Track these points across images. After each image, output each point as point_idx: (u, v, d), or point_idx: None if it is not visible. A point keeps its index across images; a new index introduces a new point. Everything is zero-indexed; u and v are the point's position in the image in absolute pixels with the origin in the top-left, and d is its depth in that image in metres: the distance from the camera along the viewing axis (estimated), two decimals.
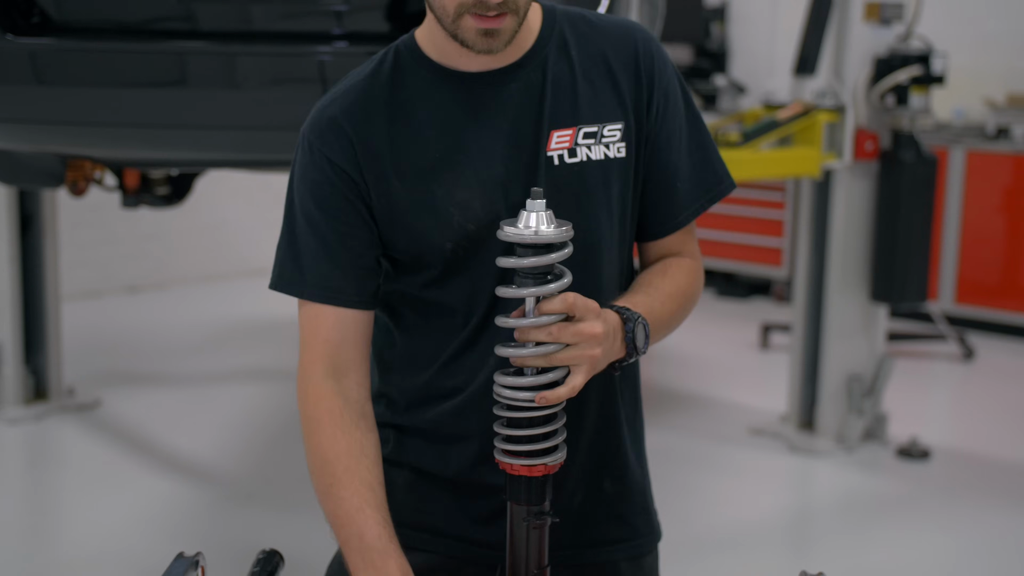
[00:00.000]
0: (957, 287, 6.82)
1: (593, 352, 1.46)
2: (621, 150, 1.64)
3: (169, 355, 6.05)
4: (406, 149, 1.60)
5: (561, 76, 1.63)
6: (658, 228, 1.71)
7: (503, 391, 1.47)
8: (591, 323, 1.46)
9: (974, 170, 6.77)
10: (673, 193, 1.69)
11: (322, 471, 1.62)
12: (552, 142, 1.61)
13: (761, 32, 8.17)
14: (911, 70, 4.54)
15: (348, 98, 1.63)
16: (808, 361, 4.88)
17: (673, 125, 1.68)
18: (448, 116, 1.61)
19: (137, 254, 7.42)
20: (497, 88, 1.62)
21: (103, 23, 3.04)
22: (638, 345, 1.54)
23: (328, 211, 1.61)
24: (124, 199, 3.96)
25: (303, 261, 1.63)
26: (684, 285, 1.69)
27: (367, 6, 2.92)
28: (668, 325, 1.66)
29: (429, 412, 1.70)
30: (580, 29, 1.67)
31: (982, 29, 7.32)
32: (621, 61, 1.65)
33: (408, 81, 1.63)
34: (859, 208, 4.73)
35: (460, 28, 1.53)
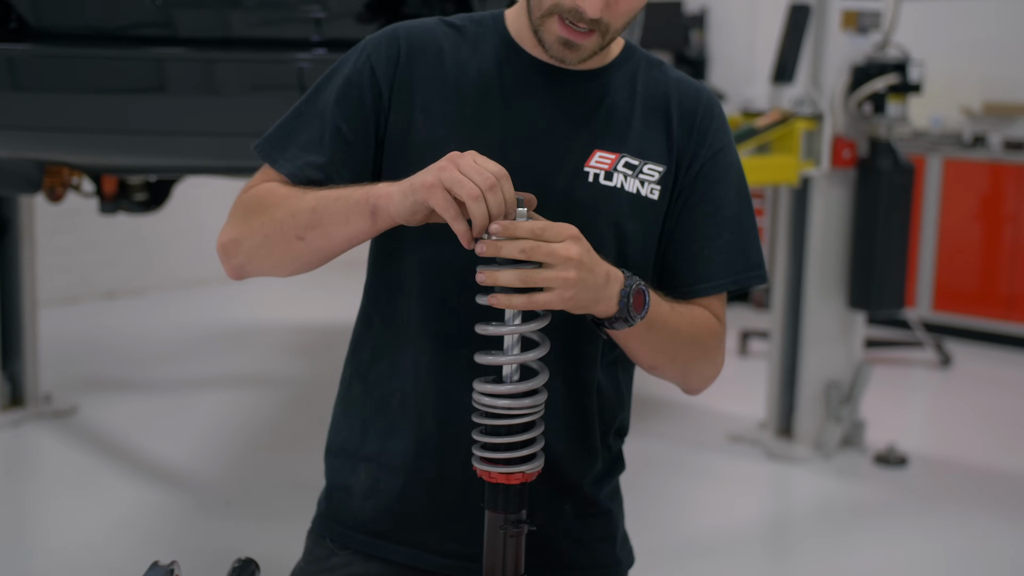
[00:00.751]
0: (934, 294, 6.86)
1: (567, 274, 1.40)
2: (655, 192, 1.63)
3: (147, 361, 6.02)
4: (443, 94, 1.61)
5: (620, 103, 1.64)
6: (677, 291, 1.66)
7: (481, 398, 1.46)
8: (565, 244, 1.41)
9: (951, 178, 6.81)
10: (699, 259, 1.66)
11: (259, 202, 1.59)
12: (593, 159, 1.61)
13: (740, 40, 8.20)
14: (888, 78, 4.56)
15: (420, 28, 1.66)
16: (786, 368, 4.90)
17: (716, 191, 1.65)
18: (499, 86, 1.62)
19: (115, 260, 7.39)
20: (558, 85, 1.63)
21: (81, 29, 3.04)
22: (631, 304, 1.48)
23: (342, 108, 1.61)
24: (102, 205, 3.95)
25: (294, 139, 1.62)
26: (703, 326, 1.64)
27: (345, 13, 2.92)
28: (671, 339, 1.59)
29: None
30: (653, 72, 1.68)
31: (958, 37, 7.37)
32: (681, 112, 1.66)
33: (479, 43, 1.65)
34: (837, 216, 4.75)
35: (545, 27, 1.54)
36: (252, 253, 1.59)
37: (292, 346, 6.43)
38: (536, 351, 1.47)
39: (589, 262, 1.43)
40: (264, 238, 1.56)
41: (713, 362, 1.69)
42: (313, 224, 1.51)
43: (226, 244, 1.61)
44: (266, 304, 7.54)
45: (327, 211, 1.50)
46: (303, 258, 1.57)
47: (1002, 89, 7.26)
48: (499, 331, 1.44)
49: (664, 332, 1.57)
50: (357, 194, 1.49)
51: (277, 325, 6.90)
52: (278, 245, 1.56)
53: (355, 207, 1.48)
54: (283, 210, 1.54)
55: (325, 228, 1.51)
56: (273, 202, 1.56)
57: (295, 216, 1.53)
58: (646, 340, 1.56)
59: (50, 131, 3.11)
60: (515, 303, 1.40)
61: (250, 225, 1.58)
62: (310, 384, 5.61)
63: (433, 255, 1.59)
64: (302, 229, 1.52)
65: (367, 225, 1.49)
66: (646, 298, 1.51)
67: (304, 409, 5.10)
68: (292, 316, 7.10)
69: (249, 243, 1.58)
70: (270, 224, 1.55)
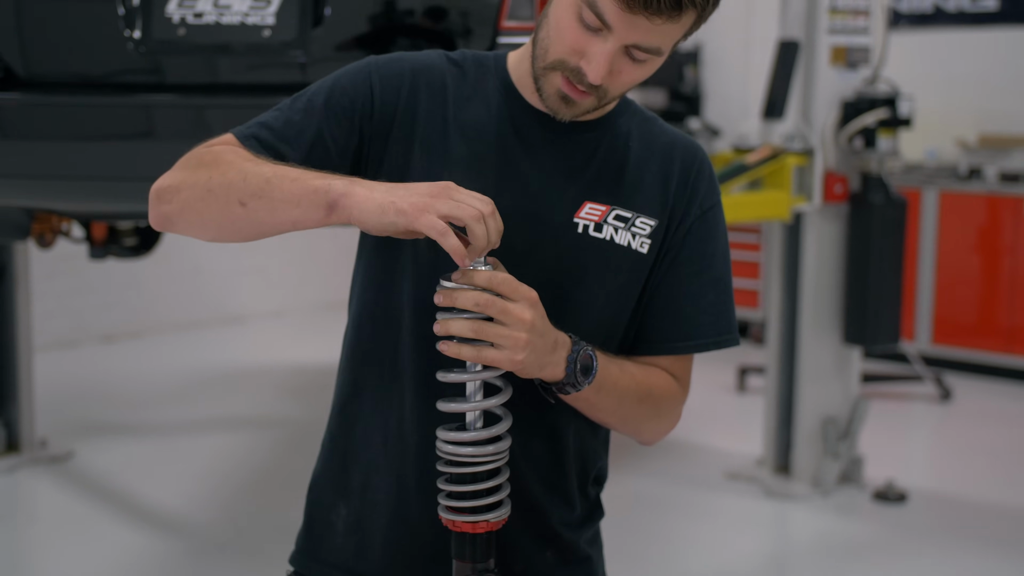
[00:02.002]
0: (933, 327, 6.84)
1: (518, 335, 1.41)
2: (644, 246, 1.63)
3: (143, 404, 6.01)
4: (442, 131, 1.61)
5: (614, 156, 1.64)
6: (655, 345, 1.67)
7: (444, 446, 1.46)
8: (520, 306, 1.42)
9: (947, 210, 6.81)
10: (682, 316, 1.66)
11: (215, 157, 1.52)
12: (583, 210, 1.61)
13: (734, 75, 8.23)
14: (878, 113, 4.57)
15: (426, 60, 1.65)
16: (783, 404, 4.88)
17: (703, 250, 1.67)
18: (495, 131, 1.62)
19: (112, 303, 7.40)
20: (553, 135, 1.63)
21: (68, 77, 3.05)
22: (579, 370, 1.50)
23: (330, 113, 1.58)
24: (91, 251, 3.95)
25: (272, 126, 1.57)
26: (656, 387, 1.65)
27: (330, 58, 2.94)
28: (621, 401, 1.60)
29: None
30: (648, 127, 1.69)
31: (951, 71, 7.39)
32: (677, 167, 1.66)
33: (480, 83, 1.65)
34: (830, 250, 4.74)
35: (546, 79, 1.54)
36: (187, 205, 1.51)
37: (288, 387, 6.42)
38: (498, 397, 1.47)
39: (541, 327, 1.45)
40: (206, 192, 1.49)
41: (667, 419, 1.70)
42: (261, 194, 1.46)
43: (162, 189, 1.53)
44: (262, 345, 7.54)
45: (280, 186, 1.45)
46: (236, 226, 1.51)
47: (997, 121, 7.27)
48: (459, 378, 1.45)
49: (613, 394, 1.58)
50: (317, 181, 1.44)
51: (273, 366, 6.90)
52: (217, 203, 1.49)
53: (311, 194, 1.43)
54: (236, 171, 1.48)
55: (272, 203, 1.46)
56: (230, 160, 1.50)
57: (246, 180, 1.47)
58: (595, 403, 1.58)
59: (39, 179, 3.12)
60: (463, 353, 1.41)
61: (196, 175, 1.51)
62: (306, 425, 5.59)
63: (424, 294, 1.59)
64: (248, 196, 1.46)
65: (318, 216, 1.44)
66: (593, 363, 1.53)
67: (299, 451, 5.08)
68: (288, 357, 7.09)
69: (188, 194, 1.51)
70: (218, 180, 1.48)
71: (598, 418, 1.63)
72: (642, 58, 1.51)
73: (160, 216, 1.56)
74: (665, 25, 1.46)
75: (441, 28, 2.94)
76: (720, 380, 6.56)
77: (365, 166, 1.62)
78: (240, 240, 1.55)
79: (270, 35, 2.93)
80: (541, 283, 1.52)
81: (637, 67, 1.52)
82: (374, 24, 2.94)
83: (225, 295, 7.99)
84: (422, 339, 1.59)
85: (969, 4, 7.35)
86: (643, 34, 1.47)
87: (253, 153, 1.53)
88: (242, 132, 1.57)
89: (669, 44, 1.51)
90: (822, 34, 4.64)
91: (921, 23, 7.52)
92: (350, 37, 2.93)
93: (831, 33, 4.65)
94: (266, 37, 2.93)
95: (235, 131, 1.58)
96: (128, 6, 2.95)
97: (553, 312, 1.52)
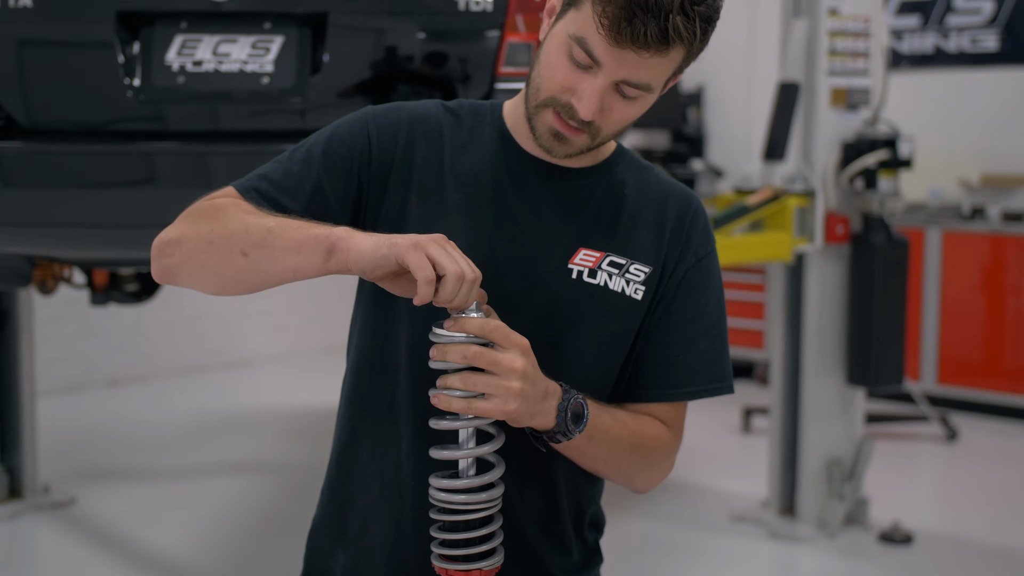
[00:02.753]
0: (939, 367, 6.82)
1: (510, 384, 1.42)
2: (638, 292, 1.64)
3: (147, 449, 6.00)
4: (438, 179, 1.62)
5: (609, 203, 1.65)
6: (648, 392, 1.67)
7: (437, 494, 1.46)
8: (511, 355, 1.43)
9: (951, 250, 6.81)
10: (675, 364, 1.66)
11: (217, 209, 1.53)
12: (577, 256, 1.62)
13: (737, 117, 8.26)
14: (878, 154, 4.58)
15: (423, 109, 1.67)
16: (787, 446, 4.86)
17: (697, 298, 1.67)
18: (491, 178, 1.63)
19: (117, 347, 7.40)
20: (549, 181, 1.64)
21: (68, 125, 3.07)
22: (569, 419, 1.50)
23: (329, 163, 1.60)
24: (93, 297, 3.96)
25: (272, 178, 1.59)
26: (648, 436, 1.65)
27: (329, 104, 2.96)
28: (612, 450, 1.60)
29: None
30: (643, 175, 1.70)
31: (953, 111, 7.42)
32: (672, 215, 1.67)
33: (476, 132, 1.66)
34: (832, 291, 4.74)
35: (539, 116, 1.56)
36: (189, 257, 1.53)
37: (292, 431, 6.41)
38: (490, 445, 1.47)
39: (533, 376, 1.46)
40: (208, 244, 1.51)
41: (659, 468, 1.70)
42: (263, 244, 1.47)
43: (164, 242, 1.55)
44: (267, 389, 7.53)
45: (282, 234, 1.46)
46: (238, 276, 1.52)
47: (999, 161, 7.28)
48: (451, 425, 1.46)
49: (605, 443, 1.58)
50: (318, 229, 1.46)
51: (278, 410, 6.89)
52: (219, 254, 1.50)
53: (312, 240, 1.45)
54: (237, 223, 1.50)
55: (274, 251, 1.47)
56: (231, 212, 1.52)
57: (248, 231, 1.48)
58: (587, 451, 1.58)
59: (41, 227, 3.13)
60: (454, 405, 1.42)
61: (198, 228, 1.52)
62: (309, 469, 5.57)
63: (420, 341, 1.59)
64: (250, 246, 1.48)
65: (318, 262, 1.45)
66: (584, 412, 1.53)
67: (302, 495, 5.06)
68: (293, 400, 7.08)
69: (190, 246, 1.53)
70: (220, 231, 1.50)
71: (590, 467, 1.63)
72: (633, 95, 1.53)
73: (162, 269, 1.57)
74: (653, 59, 1.48)
75: (439, 74, 2.96)
76: (725, 421, 6.54)
77: (364, 214, 1.63)
78: (240, 292, 1.56)
79: (269, 82, 2.95)
80: (535, 329, 1.52)
81: (628, 104, 1.54)
82: (372, 71, 2.96)
83: (230, 339, 7.99)
84: (418, 385, 1.59)
85: (970, 45, 7.38)
86: (632, 69, 1.49)
87: (254, 205, 1.55)
88: (243, 185, 1.59)
89: (659, 80, 1.53)
90: (822, 76, 4.66)
91: (922, 64, 7.55)
92: (348, 84, 2.95)
93: (831, 75, 4.66)
94: (265, 84, 2.95)
95: (236, 184, 1.60)
96: (128, 54, 2.98)
97: (546, 359, 1.53)
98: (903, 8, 7.60)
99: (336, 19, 2.94)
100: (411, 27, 2.96)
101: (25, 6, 2.97)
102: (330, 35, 2.93)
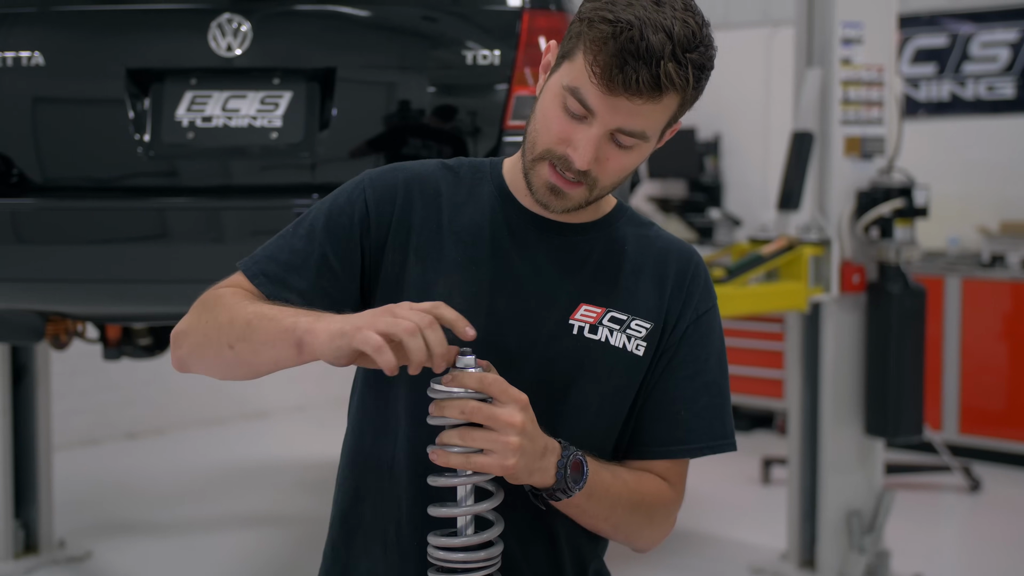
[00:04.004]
0: (960, 416, 6.75)
1: (509, 439, 1.41)
2: (640, 348, 1.63)
3: (164, 502, 5.99)
4: (436, 238, 1.62)
5: (609, 259, 1.65)
6: (649, 449, 1.67)
7: (436, 552, 1.45)
8: (509, 410, 1.42)
9: (971, 298, 6.76)
10: (676, 420, 1.66)
11: (216, 300, 1.56)
12: (578, 312, 1.62)
13: (754, 165, 8.26)
14: (893, 203, 4.56)
15: (420, 169, 1.68)
16: (806, 497, 4.81)
17: (698, 354, 1.67)
18: (490, 235, 1.63)
19: (135, 400, 7.41)
20: (548, 237, 1.64)
21: (81, 181, 3.09)
22: (568, 476, 1.49)
23: (331, 235, 1.61)
24: (105, 351, 3.97)
25: (278, 258, 1.61)
26: (649, 493, 1.64)
27: (337, 159, 2.97)
28: (613, 508, 1.58)
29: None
30: (644, 231, 1.71)
31: (971, 158, 7.41)
32: (673, 271, 1.67)
33: (475, 189, 1.67)
34: (849, 341, 4.71)
35: (535, 170, 1.56)
36: (194, 348, 1.57)
37: (310, 483, 6.39)
38: (489, 502, 1.46)
39: (531, 431, 1.45)
40: (204, 336, 1.54)
41: (661, 527, 1.68)
42: (244, 337, 1.49)
43: (176, 334, 1.60)
44: (285, 440, 7.52)
45: (259, 328, 1.48)
46: (232, 367, 1.54)
47: (1019, 208, 7.25)
48: (449, 482, 1.46)
49: (605, 501, 1.57)
50: (288, 321, 1.45)
51: (296, 461, 6.87)
52: (212, 347, 1.53)
53: (282, 334, 1.45)
54: (226, 314, 1.52)
55: (254, 345, 1.48)
56: (227, 303, 1.54)
57: (232, 323, 1.50)
58: (587, 509, 1.57)
59: (53, 282, 3.14)
60: (452, 461, 1.41)
61: (200, 320, 1.56)
62: (325, 521, 5.54)
63: (418, 399, 1.58)
64: (235, 339, 1.50)
65: (291, 354, 1.45)
66: (584, 468, 1.52)
67: (319, 547, 5.03)
68: (310, 451, 7.06)
69: (193, 338, 1.57)
70: (213, 324, 1.53)
71: (590, 524, 1.61)
72: (628, 143, 1.53)
73: (177, 360, 1.62)
74: (647, 107, 1.48)
75: (448, 128, 2.97)
76: (744, 472, 6.48)
77: (369, 279, 1.64)
78: (243, 379, 1.58)
79: (277, 137, 2.96)
80: (535, 385, 1.52)
81: (624, 154, 1.54)
82: (381, 125, 2.97)
83: (248, 390, 7.99)
84: (417, 444, 1.58)
85: (986, 92, 7.38)
86: (626, 117, 1.49)
87: (262, 290, 1.57)
88: (251, 269, 1.60)
89: (655, 128, 1.53)
90: (835, 125, 4.65)
91: (939, 111, 7.55)
92: (357, 138, 2.96)
93: (844, 124, 4.66)
94: (273, 139, 2.96)
95: (243, 267, 1.61)
96: (138, 110, 3.00)
97: (547, 416, 1.52)
98: (919, 56, 7.61)
99: (344, 74, 2.95)
100: (420, 81, 2.97)
101: (38, 64, 3.00)
102: (338, 90, 2.95)
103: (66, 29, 3.09)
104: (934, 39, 7.54)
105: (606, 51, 1.45)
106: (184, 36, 3.01)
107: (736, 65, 8.20)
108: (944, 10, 7.51)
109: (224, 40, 2.95)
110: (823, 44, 4.68)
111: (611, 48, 1.45)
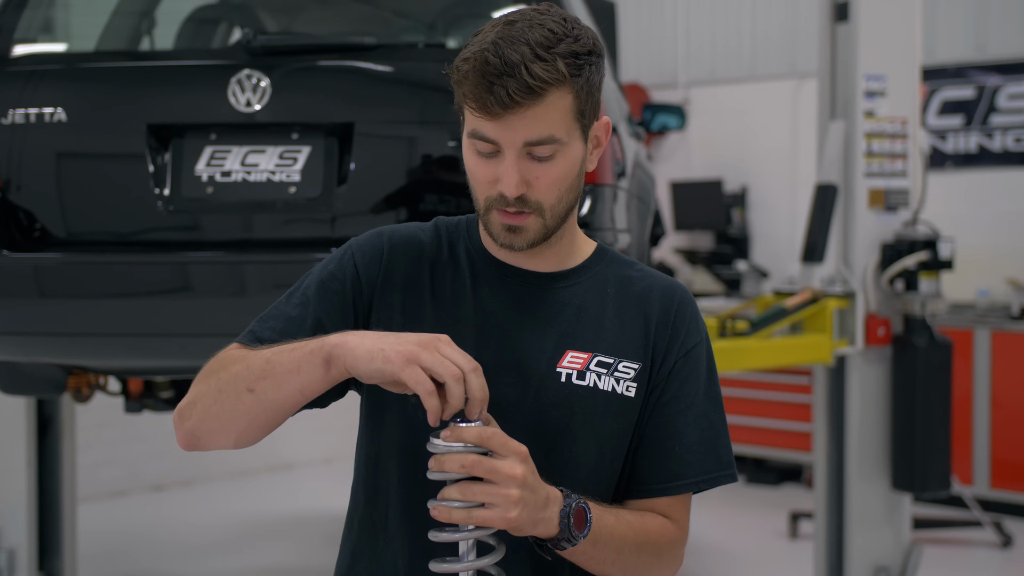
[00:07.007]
0: (991, 470, 6.66)
1: (510, 492, 1.42)
2: (630, 389, 1.64)
3: (190, 555, 5.98)
4: (420, 297, 1.66)
5: (591, 304, 1.67)
6: (647, 488, 1.67)
7: None
8: (510, 462, 1.42)
9: (1000, 351, 6.69)
10: (670, 456, 1.66)
11: (221, 362, 1.59)
12: (565, 359, 1.63)
13: (781, 217, 8.24)
14: (918, 255, 4.54)
15: (404, 232, 1.72)
16: (832, 552, 4.75)
17: (688, 390, 1.68)
18: (471, 291, 1.66)
19: (162, 451, 7.41)
20: (528, 288, 1.66)
21: (102, 236, 3.11)
22: (572, 524, 1.49)
23: (324, 300, 1.64)
24: (127, 405, 3.98)
25: (274, 327, 1.63)
26: (654, 532, 1.64)
27: (356, 212, 2.98)
28: (620, 551, 1.58)
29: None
30: (625, 271, 1.72)
31: (999, 210, 7.37)
32: (657, 309, 1.69)
33: (455, 246, 1.70)
34: (874, 394, 4.67)
35: (489, 221, 1.60)
36: (204, 413, 1.57)
37: (333, 536, 6.34)
38: (491, 556, 1.45)
39: (532, 483, 1.45)
40: (218, 393, 1.55)
41: (669, 565, 1.68)
42: (265, 374, 1.51)
43: (181, 409, 1.61)
44: (311, 493, 7.50)
45: (280, 361, 1.51)
46: (251, 415, 1.55)
47: None
48: (450, 537, 1.46)
49: (611, 545, 1.57)
50: (312, 344, 1.50)
51: (321, 514, 6.86)
52: (228, 400, 1.54)
53: (308, 356, 1.49)
54: (239, 364, 1.55)
55: (277, 378, 1.51)
56: (234, 357, 1.57)
57: (249, 368, 1.53)
58: (593, 555, 1.56)
59: (74, 336, 3.16)
60: (454, 516, 1.40)
61: (207, 384, 1.58)
62: None
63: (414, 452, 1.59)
64: (254, 380, 1.52)
65: (319, 375, 1.49)
66: (587, 515, 1.52)
67: None
68: (336, 504, 7.02)
69: (203, 402, 1.58)
70: (225, 378, 1.55)
71: (598, 570, 1.60)
72: (545, 153, 1.55)
73: (184, 434, 1.61)
74: (534, 111, 1.50)
75: (465, 182, 2.97)
76: (772, 526, 6.41)
77: None
78: (258, 434, 1.59)
79: (296, 192, 2.98)
80: (530, 435, 1.53)
81: (549, 165, 1.56)
82: (398, 179, 2.98)
83: (275, 442, 7.91)
84: (411, 503, 1.59)
85: (1014, 144, 7.34)
86: (524, 130, 1.52)
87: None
88: (247, 339, 1.63)
89: (561, 127, 1.54)
90: (859, 177, 4.64)
91: (967, 163, 7.52)
92: (375, 193, 2.97)
93: (868, 176, 4.65)
94: (292, 194, 2.98)
95: (240, 338, 1.64)
96: (158, 165, 3.03)
97: (546, 465, 1.52)
98: (945, 108, 7.59)
99: (362, 129, 2.97)
100: (437, 135, 2.98)
101: (60, 120, 3.03)
102: (356, 145, 2.96)
103: (88, 85, 3.13)
104: (961, 91, 7.52)
105: (472, 83, 1.50)
106: (204, 92, 3.05)
107: (763, 117, 8.22)
108: (971, 62, 7.50)
109: (244, 96, 2.98)
110: (846, 97, 4.69)
111: (474, 79, 1.50)
